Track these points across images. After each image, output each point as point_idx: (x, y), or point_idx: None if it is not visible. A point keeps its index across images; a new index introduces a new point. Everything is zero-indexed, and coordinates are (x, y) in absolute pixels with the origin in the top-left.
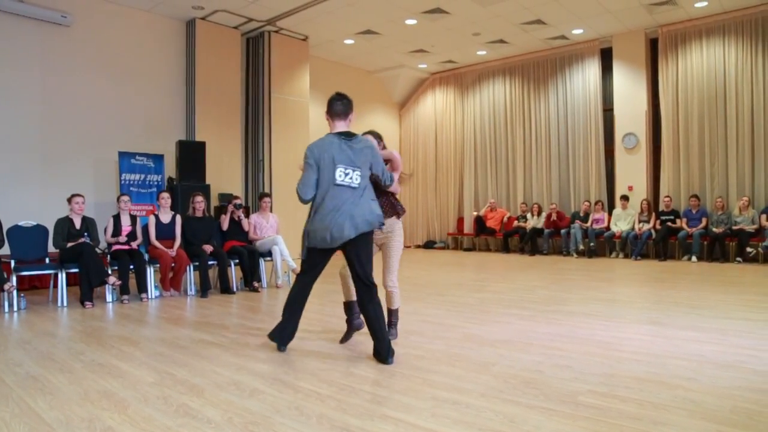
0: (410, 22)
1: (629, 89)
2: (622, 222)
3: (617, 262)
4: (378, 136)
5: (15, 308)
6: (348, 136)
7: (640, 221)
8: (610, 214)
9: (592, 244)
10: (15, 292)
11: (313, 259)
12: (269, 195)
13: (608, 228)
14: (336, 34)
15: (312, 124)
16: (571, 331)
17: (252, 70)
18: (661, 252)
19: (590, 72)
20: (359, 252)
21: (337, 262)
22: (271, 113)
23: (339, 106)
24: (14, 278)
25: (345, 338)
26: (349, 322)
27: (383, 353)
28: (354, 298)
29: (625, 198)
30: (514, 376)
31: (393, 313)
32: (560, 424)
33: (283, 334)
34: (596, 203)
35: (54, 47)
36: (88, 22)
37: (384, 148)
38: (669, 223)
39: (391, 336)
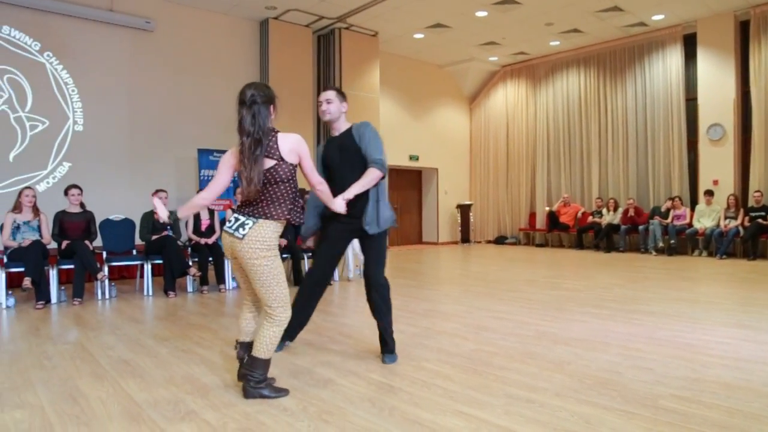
0: (481, 14)
1: (715, 77)
2: (706, 218)
3: (700, 261)
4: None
5: (107, 296)
6: None
7: (726, 217)
8: (692, 209)
9: (672, 241)
10: (107, 281)
11: None
12: None
13: (690, 225)
14: (405, 29)
15: (383, 119)
16: (652, 332)
17: (323, 66)
18: (750, 251)
19: (672, 60)
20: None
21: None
22: None
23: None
24: (106, 268)
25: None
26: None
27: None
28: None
29: (709, 193)
30: (590, 376)
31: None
32: (639, 428)
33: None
34: (674, 199)
35: (139, 51)
36: (169, 27)
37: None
38: (759, 220)
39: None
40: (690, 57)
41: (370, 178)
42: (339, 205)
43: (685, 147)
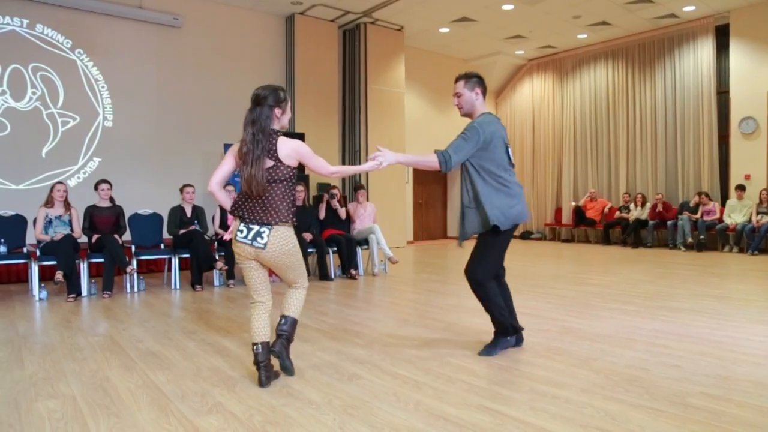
0: (507, 7)
1: (749, 69)
2: (737, 214)
3: (731, 257)
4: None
5: (135, 289)
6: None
7: (758, 213)
8: (722, 204)
9: (702, 236)
10: (135, 275)
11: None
12: (363, 186)
13: (721, 220)
14: (431, 23)
15: (408, 115)
16: (680, 329)
17: (348, 61)
18: None
19: (703, 52)
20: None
21: None
22: (368, 104)
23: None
24: (135, 262)
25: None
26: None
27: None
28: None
29: (741, 188)
30: (616, 373)
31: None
32: (667, 425)
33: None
34: (701, 194)
35: (167, 48)
36: (196, 23)
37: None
38: None
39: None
40: (722, 49)
41: (421, 158)
42: (368, 165)
43: (716, 141)
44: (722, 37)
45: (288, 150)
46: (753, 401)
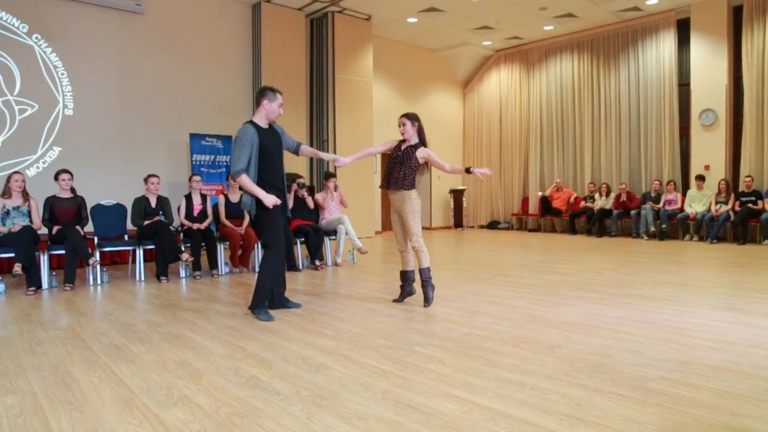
0: None
1: (708, 62)
2: (697, 203)
3: (691, 245)
4: (411, 117)
5: (99, 281)
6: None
7: (717, 202)
8: (684, 194)
9: (664, 226)
10: (98, 267)
11: None
12: (334, 175)
13: (682, 209)
14: (399, 13)
15: (376, 104)
16: (642, 316)
17: (316, 51)
18: (741, 235)
19: (665, 45)
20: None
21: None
22: (335, 94)
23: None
24: (98, 253)
25: (398, 300)
26: (402, 287)
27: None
28: (409, 267)
29: (700, 178)
30: (581, 360)
31: (422, 272)
32: (629, 410)
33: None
34: (668, 183)
35: (129, 35)
36: (160, 10)
37: (419, 128)
38: (750, 205)
39: (427, 302)
40: (683, 42)
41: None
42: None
43: (677, 132)
44: (683, 30)
45: None
46: (709, 384)
